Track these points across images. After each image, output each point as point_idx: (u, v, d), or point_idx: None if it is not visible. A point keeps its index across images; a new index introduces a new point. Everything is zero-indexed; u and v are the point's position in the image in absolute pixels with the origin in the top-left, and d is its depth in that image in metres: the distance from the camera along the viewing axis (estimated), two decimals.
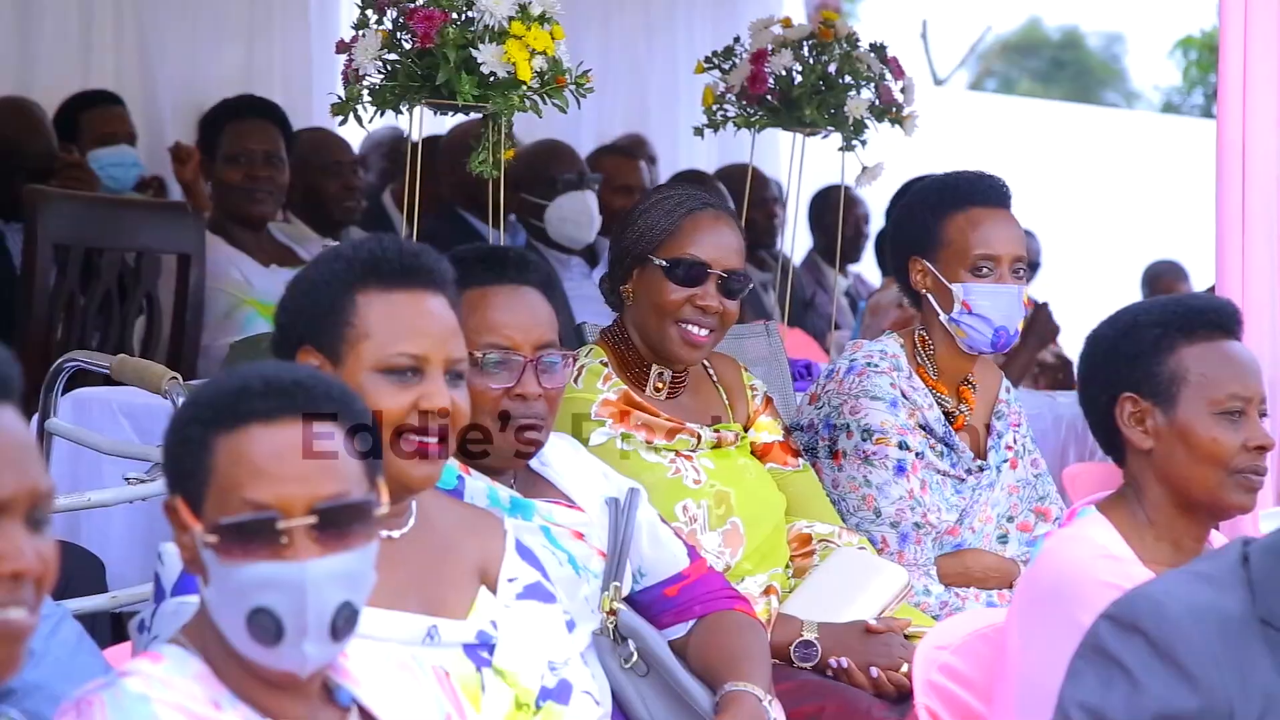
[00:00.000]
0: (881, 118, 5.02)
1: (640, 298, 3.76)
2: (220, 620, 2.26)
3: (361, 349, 2.66)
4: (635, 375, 3.78)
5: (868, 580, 3.77)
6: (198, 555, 2.26)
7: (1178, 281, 9.99)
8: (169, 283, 5.44)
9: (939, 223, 4.02)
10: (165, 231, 5.49)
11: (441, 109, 4.17)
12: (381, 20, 4.09)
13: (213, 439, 2.25)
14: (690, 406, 3.84)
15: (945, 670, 3.27)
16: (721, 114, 5.04)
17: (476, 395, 3.03)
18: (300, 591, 2.22)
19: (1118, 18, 30.66)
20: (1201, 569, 2.54)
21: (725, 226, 3.78)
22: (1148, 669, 2.41)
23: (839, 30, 5.04)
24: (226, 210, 5.80)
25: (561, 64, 4.08)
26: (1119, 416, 3.06)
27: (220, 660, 2.28)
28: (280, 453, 2.25)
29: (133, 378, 3.86)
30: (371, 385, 2.64)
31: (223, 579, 2.24)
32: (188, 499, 2.26)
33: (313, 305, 2.68)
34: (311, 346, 2.67)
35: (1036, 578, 3.08)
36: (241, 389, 2.27)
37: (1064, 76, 30.28)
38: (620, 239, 3.80)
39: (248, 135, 5.78)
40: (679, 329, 3.73)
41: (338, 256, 2.70)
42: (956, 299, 4.00)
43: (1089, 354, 3.13)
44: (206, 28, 8.03)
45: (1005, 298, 4.00)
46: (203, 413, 2.28)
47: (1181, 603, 2.45)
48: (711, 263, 3.73)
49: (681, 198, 3.79)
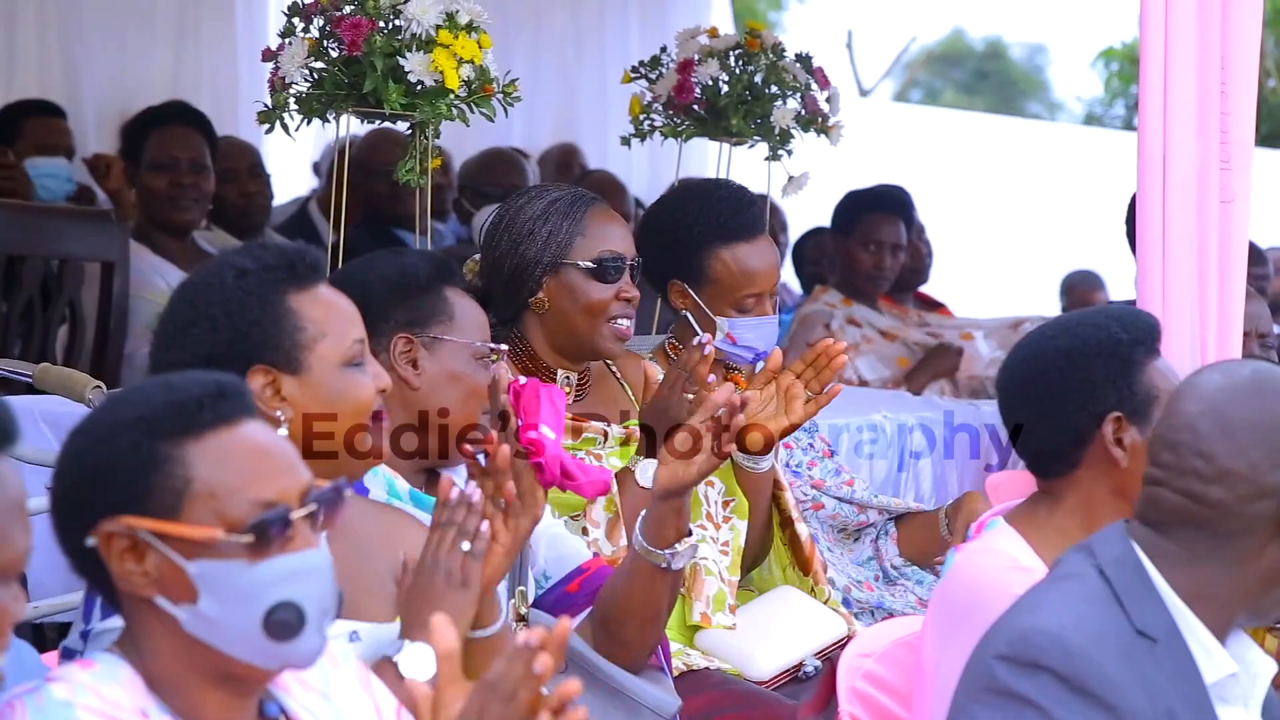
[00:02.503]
0: (807, 128, 5.04)
1: (559, 303, 3.75)
2: (220, 631, 2.23)
3: (322, 349, 2.68)
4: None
5: (810, 622, 3.84)
6: (173, 574, 2.21)
7: (1094, 291, 10.07)
8: (92, 291, 5.41)
9: (704, 256, 4.03)
10: (88, 239, 5.45)
11: (368, 117, 4.17)
12: (308, 28, 4.08)
13: (178, 450, 2.21)
14: (598, 406, 3.85)
15: (869, 678, 3.29)
16: (648, 123, 5.05)
17: (477, 389, 3.13)
18: (325, 577, 2.26)
19: (1040, 29, 30.90)
20: (1072, 589, 2.57)
21: (615, 214, 3.83)
22: (1064, 705, 2.44)
23: (765, 40, 5.06)
24: (151, 218, 5.78)
25: (489, 73, 4.08)
26: (1105, 435, 3.03)
27: (162, 675, 2.26)
28: (263, 450, 2.26)
29: (56, 386, 3.84)
30: (345, 379, 2.70)
31: (233, 584, 2.22)
32: (146, 517, 2.21)
33: (248, 324, 2.66)
34: (264, 365, 2.66)
35: (948, 591, 3.09)
36: (199, 397, 2.24)
37: (988, 87, 30.47)
38: (517, 252, 3.75)
39: (173, 143, 5.76)
40: (610, 325, 3.74)
41: (243, 272, 2.67)
42: (720, 330, 4.06)
43: (1061, 372, 3.05)
44: (133, 36, 7.99)
45: (768, 327, 4.09)
46: (158, 426, 2.22)
47: (1081, 633, 2.47)
48: (625, 253, 3.76)
49: (569, 198, 3.78)
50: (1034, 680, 2.45)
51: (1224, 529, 2.57)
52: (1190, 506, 2.58)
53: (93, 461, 2.23)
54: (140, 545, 2.22)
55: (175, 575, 2.22)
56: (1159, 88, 3.88)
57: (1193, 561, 2.57)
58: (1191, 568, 2.57)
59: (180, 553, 2.21)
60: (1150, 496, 2.62)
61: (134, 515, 2.22)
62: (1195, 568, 2.57)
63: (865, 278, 6.49)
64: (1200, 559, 2.57)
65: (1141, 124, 3.91)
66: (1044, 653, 2.47)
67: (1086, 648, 2.46)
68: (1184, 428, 2.59)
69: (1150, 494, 2.62)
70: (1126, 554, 2.58)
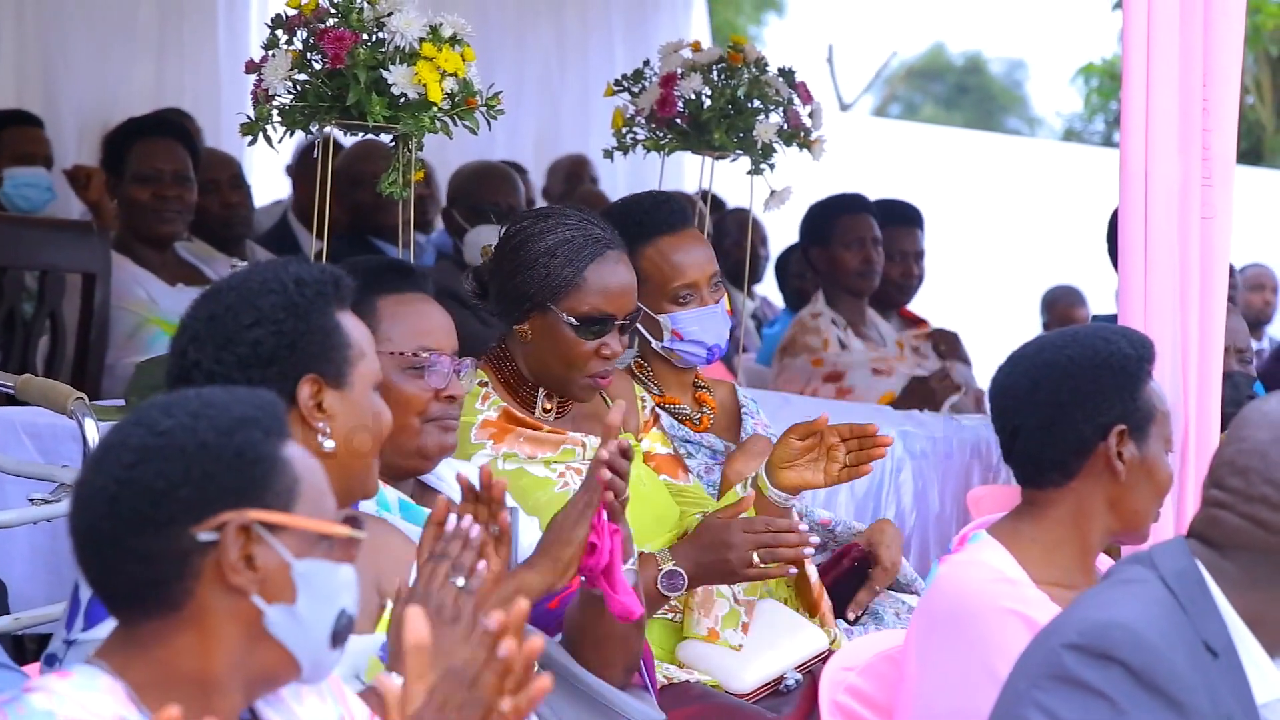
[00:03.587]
0: (790, 142, 5.05)
1: (540, 343, 3.72)
2: (303, 632, 2.24)
3: (362, 368, 2.72)
4: (521, 398, 3.77)
5: (792, 635, 3.84)
6: (278, 572, 2.22)
7: (1075, 306, 10.11)
8: (73, 302, 5.40)
9: (631, 257, 4.01)
10: (70, 250, 5.45)
11: (352, 129, 4.17)
12: (292, 40, 4.07)
13: (286, 450, 2.25)
14: (580, 421, 3.85)
15: (851, 691, 3.30)
16: (631, 137, 5.06)
17: (408, 397, 3.12)
18: (357, 589, 2.29)
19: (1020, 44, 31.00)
20: (1141, 591, 2.59)
21: (623, 267, 3.75)
22: (1132, 699, 2.45)
23: (747, 55, 5.07)
24: (133, 229, 5.77)
25: (472, 85, 4.08)
26: (1109, 447, 3.06)
27: (160, 682, 2.24)
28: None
29: (37, 397, 3.83)
30: (376, 402, 2.74)
31: (325, 586, 2.25)
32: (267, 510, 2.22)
33: (309, 331, 2.66)
34: (314, 375, 2.67)
35: (933, 603, 3.10)
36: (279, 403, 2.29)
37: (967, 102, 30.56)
38: (515, 279, 3.71)
39: (157, 154, 5.74)
40: (585, 378, 3.73)
41: (301, 282, 2.67)
42: (665, 329, 4.10)
43: (1071, 380, 3.07)
44: (114, 47, 7.98)
45: (712, 318, 4.11)
46: (272, 426, 2.25)
47: (1154, 630, 2.49)
48: (616, 313, 3.71)
49: (582, 241, 3.70)
50: (1105, 671, 2.47)
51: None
52: (1255, 532, 2.61)
53: (213, 452, 2.21)
54: (253, 540, 2.22)
55: (280, 573, 2.23)
56: (1141, 103, 3.89)
57: (1253, 584, 2.61)
58: (1252, 590, 2.60)
59: (291, 550, 2.23)
60: (1212, 518, 2.65)
61: (257, 508, 2.22)
62: (1255, 591, 2.60)
63: (855, 275, 6.46)
64: (1261, 583, 2.61)
65: (1124, 139, 3.92)
66: (1118, 645, 2.48)
67: (1159, 645, 2.49)
68: (1254, 453, 2.62)
69: (1212, 515, 2.65)
70: (1189, 569, 2.61)
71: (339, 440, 2.68)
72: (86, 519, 2.23)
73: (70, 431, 3.84)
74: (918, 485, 5.27)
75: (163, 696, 2.23)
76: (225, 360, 2.63)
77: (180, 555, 2.20)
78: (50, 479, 3.74)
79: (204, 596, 2.22)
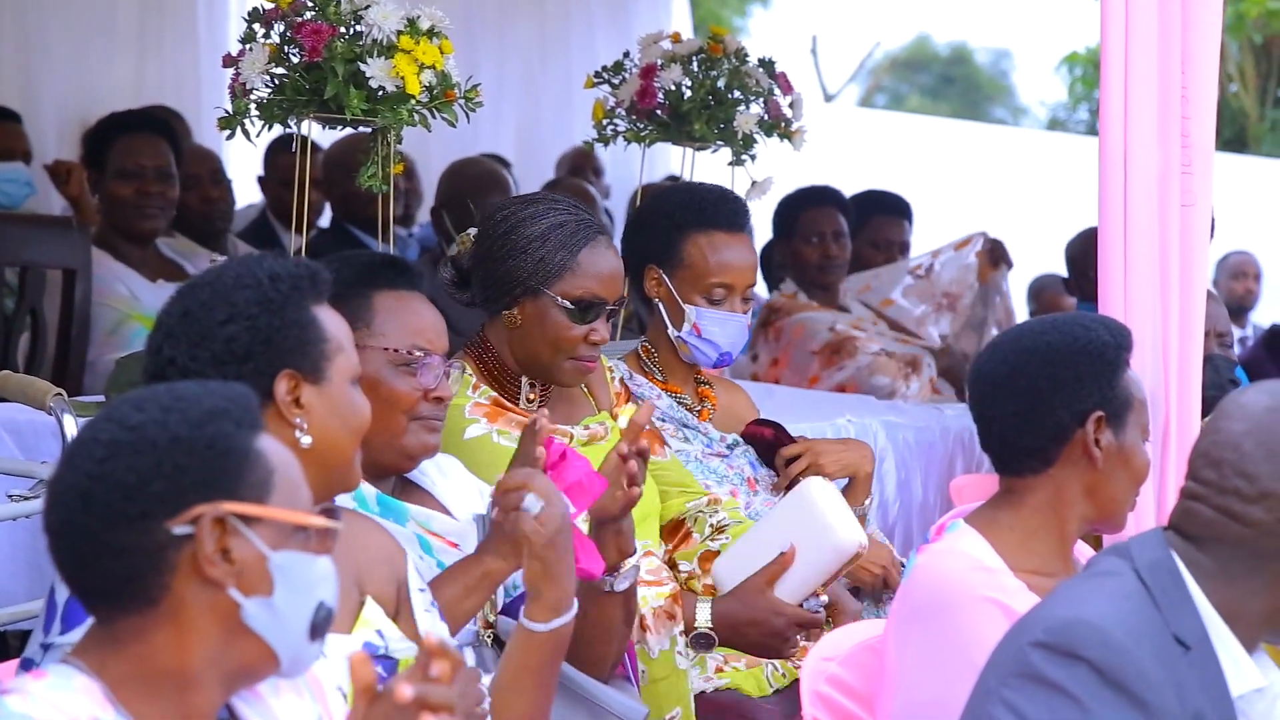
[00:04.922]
0: (770, 132, 5.04)
1: (530, 327, 3.71)
2: (281, 625, 2.23)
3: (339, 362, 2.69)
4: (505, 389, 3.77)
5: (815, 547, 3.70)
6: (255, 564, 2.22)
7: (1062, 295, 10.10)
8: (54, 298, 5.39)
9: (680, 239, 4.12)
10: (50, 246, 5.43)
11: (330, 123, 4.16)
12: (269, 34, 4.06)
13: (259, 443, 2.25)
14: (560, 408, 3.84)
15: (832, 681, 3.30)
16: (612, 128, 5.06)
17: (398, 395, 3.10)
18: (336, 582, 2.29)
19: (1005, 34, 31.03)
20: (1111, 585, 2.58)
21: (611, 253, 3.76)
22: (1097, 698, 2.45)
23: (728, 45, 5.06)
24: (115, 225, 5.75)
25: (451, 78, 4.07)
26: (1087, 434, 3.06)
27: (138, 679, 2.23)
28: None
29: (16, 394, 3.82)
30: (354, 396, 2.71)
31: (302, 578, 2.24)
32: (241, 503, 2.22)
33: (284, 326, 2.64)
34: (291, 370, 2.65)
35: (911, 592, 3.10)
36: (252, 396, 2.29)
37: (953, 92, 30.58)
38: (507, 263, 3.70)
39: (140, 150, 5.72)
40: (573, 362, 3.72)
41: (276, 276, 2.65)
42: (688, 320, 4.13)
43: (1050, 367, 3.07)
44: (94, 42, 7.96)
45: (734, 325, 4.14)
46: (244, 418, 2.24)
47: (1121, 628, 2.49)
48: (608, 297, 3.71)
49: (572, 227, 3.70)
50: (1070, 669, 2.47)
51: (1262, 549, 2.60)
52: (1228, 524, 2.60)
53: (185, 445, 2.20)
54: (229, 533, 2.21)
55: (257, 565, 2.22)
56: (1120, 92, 3.89)
57: (1228, 577, 2.60)
58: (1226, 583, 2.60)
59: (267, 542, 2.22)
60: (1187, 510, 2.65)
61: (231, 500, 2.22)
62: (1230, 583, 2.60)
63: (817, 269, 6.53)
64: (1236, 576, 2.60)
65: (1103, 128, 3.92)
66: (1084, 643, 2.48)
67: (1125, 643, 2.48)
68: (1228, 445, 2.62)
69: (1187, 508, 2.65)
70: (1164, 560, 2.61)
71: (317, 435, 2.66)
72: (60, 516, 2.22)
73: (50, 428, 3.83)
74: (900, 475, 5.26)
75: (140, 693, 2.22)
76: (200, 357, 2.61)
77: (155, 550, 2.19)
78: (30, 475, 3.73)
79: (180, 591, 2.21)
